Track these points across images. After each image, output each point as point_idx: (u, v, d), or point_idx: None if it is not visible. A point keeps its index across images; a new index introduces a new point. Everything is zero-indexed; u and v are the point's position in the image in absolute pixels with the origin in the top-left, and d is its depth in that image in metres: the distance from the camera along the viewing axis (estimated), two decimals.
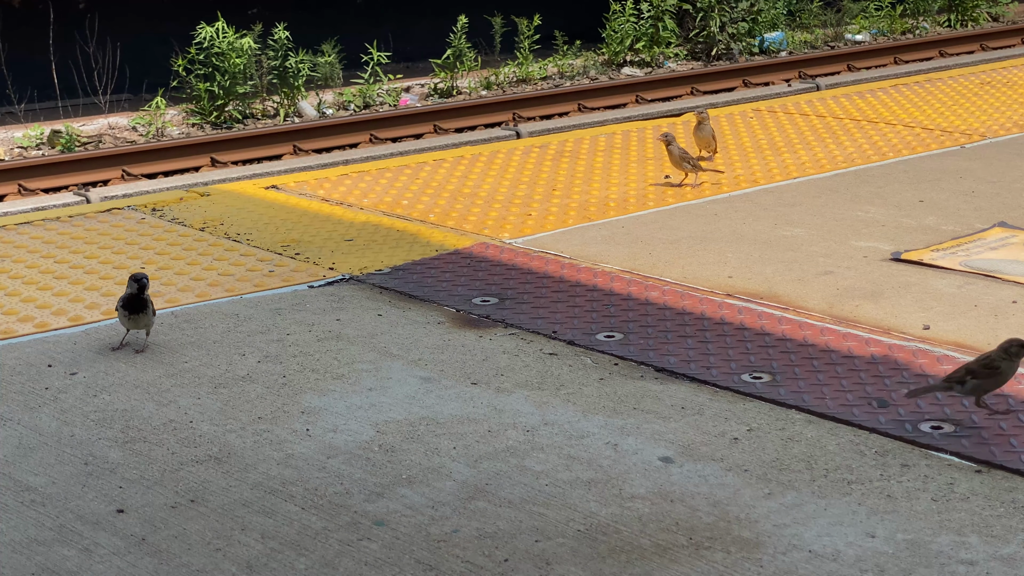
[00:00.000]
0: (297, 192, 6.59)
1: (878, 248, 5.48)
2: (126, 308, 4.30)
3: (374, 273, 5.23)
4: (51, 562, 3.14)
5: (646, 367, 4.29)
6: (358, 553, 3.18)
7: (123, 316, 4.33)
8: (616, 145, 7.57)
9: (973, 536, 3.22)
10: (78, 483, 3.53)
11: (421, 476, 3.56)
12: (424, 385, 4.16)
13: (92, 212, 6.22)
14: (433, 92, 13.87)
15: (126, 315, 4.32)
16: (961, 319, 4.64)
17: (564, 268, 5.26)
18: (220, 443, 3.77)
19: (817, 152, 7.27)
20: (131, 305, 4.30)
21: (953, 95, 8.94)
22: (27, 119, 12.33)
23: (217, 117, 12.42)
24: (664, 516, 3.34)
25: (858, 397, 3.99)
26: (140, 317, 4.33)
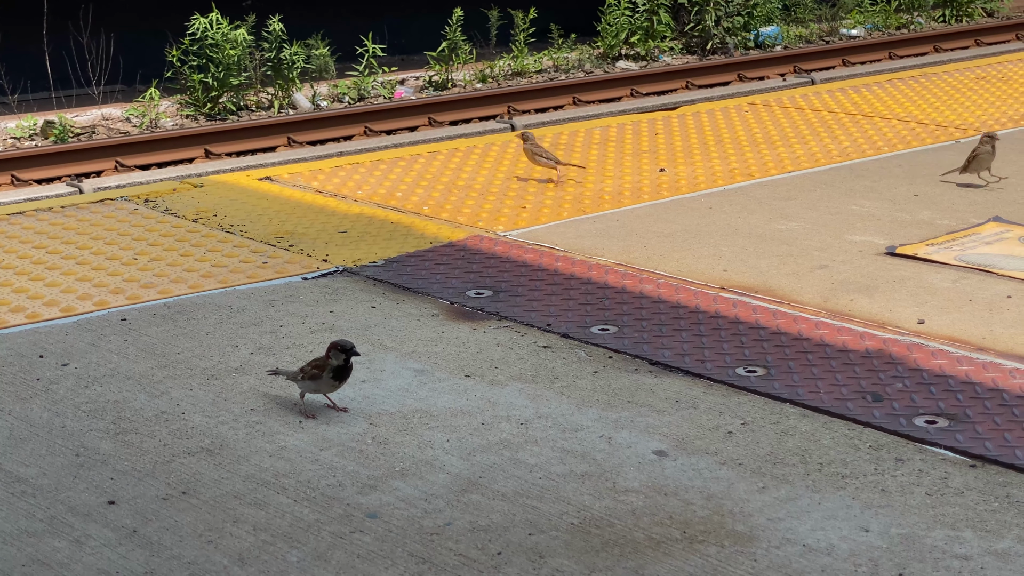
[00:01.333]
0: (291, 184, 6.57)
1: (873, 242, 5.47)
2: (335, 377, 3.85)
3: (368, 265, 5.21)
4: (42, 553, 3.12)
5: (640, 360, 4.28)
6: (351, 546, 3.16)
7: (328, 383, 3.87)
8: (611, 138, 7.56)
9: (967, 531, 3.21)
10: (69, 474, 3.52)
11: (414, 469, 3.55)
12: (418, 377, 4.14)
13: (85, 203, 6.20)
14: (428, 85, 13.84)
15: (334, 383, 3.87)
16: (956, 313, 4.64)
17: (558, 261, 5.25)
18: (212, 435, 3.75)
19: (812, 146, 7.26)
20: (340, 374, 3.86)
21: (948, 90, 8.94)
22: (20, 109, 12.28)
23: (211, 109, 12.38)
24: (658, 510, 3.33)
25: (853, 391, 3.98)
26: (341, 383, 3.89)
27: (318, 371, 3.84)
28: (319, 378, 3.84)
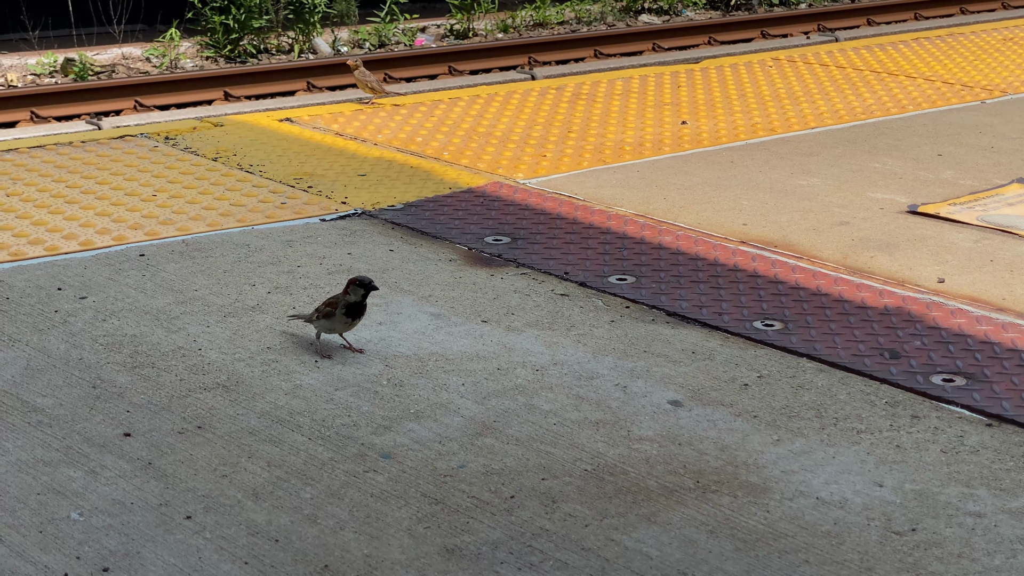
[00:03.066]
0: (311, 125, 6.54)
1: (895, 200, 5.44)
2: (348, 315, 3.81)
3: (386, 208, 5.20)
4: (57, 482, 3.14)
5: (657, 311, 4.26)
6: (364, 484, 3.17)
7: (342, 321, 3.83)
8: (633, 89, 7.51)
9: (982, 489, 3.20)
10: (85, 406, 3.53)
11: (429, 411, 3.55)
12: (434, 321, 4.14)
13: (105, 139, 6.19)
14: (449, 33, 13.76)
15: (347, 321, 3.83)
16: (976, 273, 4.61)
17: (577, 210, 5.23)
18: (228, 371, 3.76)
19: (836, 103, 7.20)
20: (355, 312, 3.83)
21: (975, 50, 8.85)
22: (41, 46, 12.26)
23: (231, 51, 12.33)
24: (672, 459, 3.33)
25: (870, 348, 3.97)
26: (356, 322, 3.86)
27: (331, 308, 3.83)
28: (332, 316, 3.83)
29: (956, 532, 3.01)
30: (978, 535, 3.00)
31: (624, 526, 3.02)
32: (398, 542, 2.93)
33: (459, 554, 2.89)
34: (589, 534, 2.98)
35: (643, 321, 4.19)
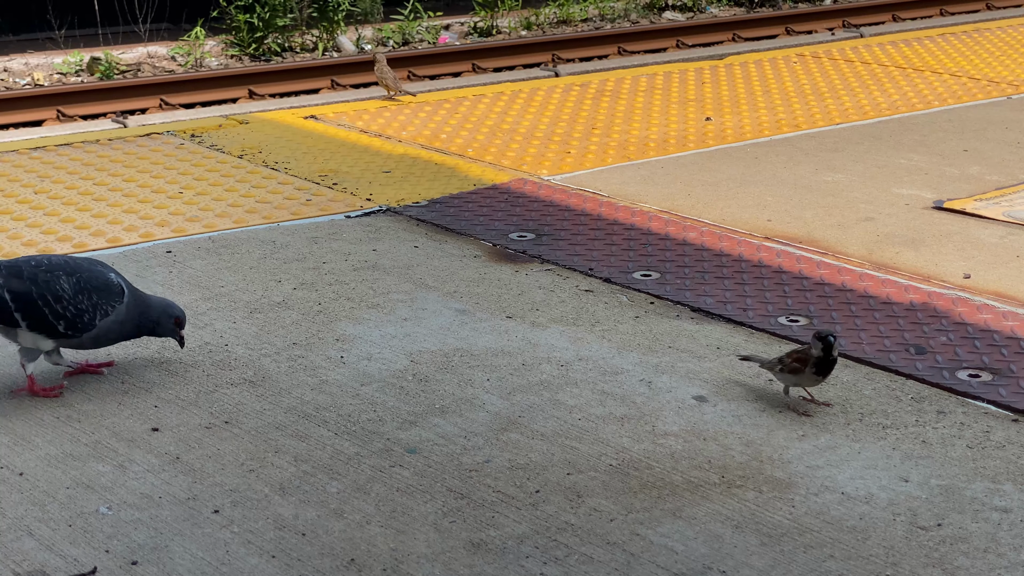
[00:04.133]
0: (335, 123, 6.57)
1: (920, 196, 5.42)
2: (817, 372, 3.55)
3: (411, 205, 5.21)
4: (86, 476, 3.16)
5: (682, 307, 4.27)
6: (390, 479, 3.18)
7: (810, 377, 3.56)
8: (657, 86, 7.51)
9: (1008, 484, 3.19)
10: (114, 401, 3.55)
11: (454, 406, 3.56)
12: (459, 317, 4.15)
13: (131, 136, 6.22)
14: (472, 31, 13.78)
15: (815, 378, 3.56)
16: (1002, 269, 4.59)
17: (602, 206, 5.23)
18: (255, 367, 3.78)
19: (860, 98, 7.18)
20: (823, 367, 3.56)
21: (1001, 45, 8.81)
22: (67, 45, 12.33)
23: (256, 49, 12.38)
24: (696, 454, 3.33)
25: (895, 343, 3.96)
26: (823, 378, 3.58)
27: (799, 365, 3.55)
28: (800, 372, 3.57)
29: (982, 527, 3.01)
30: (1004, 530, 3.00)
31: (649, 521, 3.02)
32: (424, 536, 2.94)
33: (484, 548, 2.90)
34: (614, 528, 2.99)
35: (668, 317, 4.19)
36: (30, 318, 3.51)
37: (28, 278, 3.52)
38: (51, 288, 3.51)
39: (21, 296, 3.50)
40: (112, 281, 3.59)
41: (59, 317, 3.52)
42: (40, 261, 3.58)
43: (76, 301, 3.52)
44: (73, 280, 3.54)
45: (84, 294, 3.53)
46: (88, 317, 3.54)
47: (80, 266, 3.58)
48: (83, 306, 3.52)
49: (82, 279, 3.55)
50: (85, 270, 3.57)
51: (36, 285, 3.51)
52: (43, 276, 3.53)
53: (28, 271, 3.53)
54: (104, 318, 3.56)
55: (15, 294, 3.50)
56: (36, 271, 3.54)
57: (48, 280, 3.52)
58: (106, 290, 3.57)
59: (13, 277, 3.51)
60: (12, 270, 3.53)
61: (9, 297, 3.49)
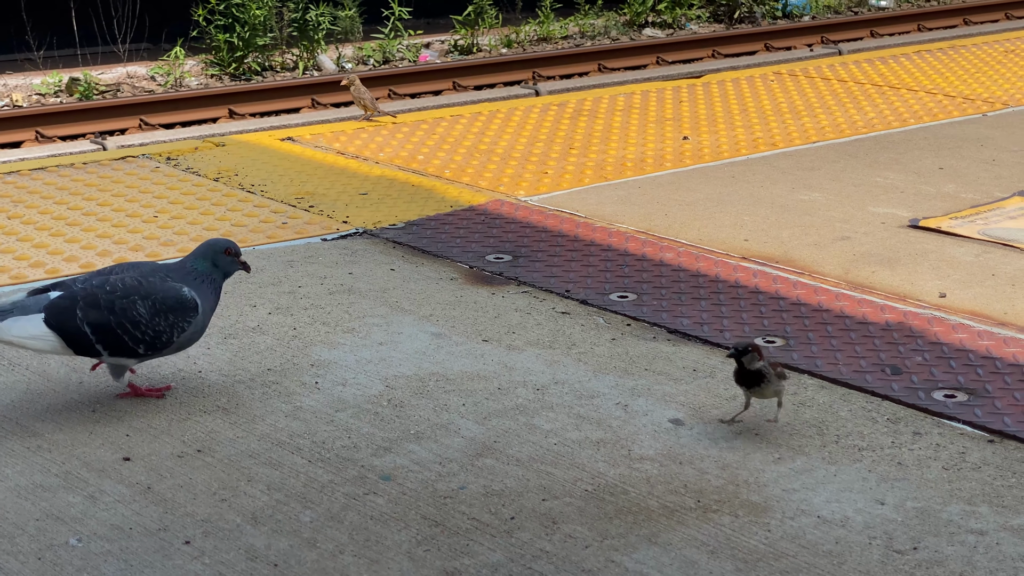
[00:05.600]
0: (313, 144, 6.55)
1: (896, 214, 5.43)
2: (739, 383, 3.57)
3: (388, 227, 5.20)
4: (56, 508, 3.13)
5: (659, 328, 4.26)
6: (364, 507, 3.16)
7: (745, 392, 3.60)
8: (635, 105, 7.52)
9: (984, 506, 3.19)
10: (85, 430, 3.53)
11: (429, 432, 3.55)
12: (435, 341, 4.14)
13: (107, 160, 6.20)
14: (453, 49, 13.79)
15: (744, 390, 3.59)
16: (978, 288, 4.60)
17: (579, 227, 5.23)
18: (228, 394, 3.76)
19: (837, 116, 7.20)
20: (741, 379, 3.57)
21: (976, 63, 8.85)
22: (46, 66, 12.30)
23: (236, 69, 12.37)
24: (672, 478, 3.32)
25: (871, 364, 3.96)
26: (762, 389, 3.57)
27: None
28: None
29: (958, 550, 3.00)
30: (980, 553, 2.99)
31: (625, 547, 3.01)
32: (398, 565, 2.92)
33: None
34: (589, 555, 2.97)
35: (644, 339, 4.18)
36: (111, 347, 3.54)
37: (105, 307, 3.53)
38: (128, 315, 3.53)
39: (100, 327, 3.52)
40: (186, 297, 3.60)
41: (139, 342, 3.56)
42: (115, 286, 3.58)
43: (153, 324, 3.55)
44: (148, 303, 3.55)
45: (160, 316, 3.56)
46: (166, 337, 3.58)
47: (154, 287, 3.58)
48: (160, 328, 3.56)
49: (157, 301, 3.56)
50: (159, 290, 3.58)
51: (114, 314, 3.53)
52: (120, 304, 3.54)
53: (105, 299, 3.54)
54: (182, 334, 3.60)
55: (94, 326, 3.52)
56: (112, 298, 3.54)
57: (125, 307, 3.54)
58: (181, 308, 3.59)
59: (91, 308, 3.52)
60: (89, 300, 3.53)
61: (89, 330, 3.51)
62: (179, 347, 3.67)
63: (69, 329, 3.51)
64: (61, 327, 3.51)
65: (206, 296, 3.65)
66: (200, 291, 3.64)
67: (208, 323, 3.71)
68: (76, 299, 3.54)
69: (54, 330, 3.51)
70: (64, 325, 3.51)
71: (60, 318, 3.51)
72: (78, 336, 3.52)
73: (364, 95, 7.16)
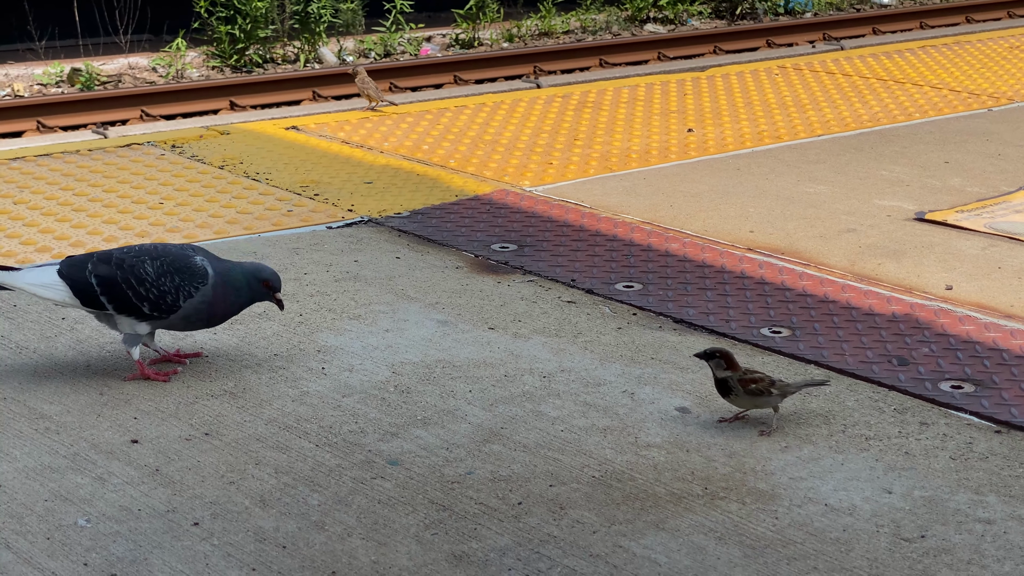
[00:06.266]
0: (317, 133, 6.55)
1: (902, 207, 5.43)
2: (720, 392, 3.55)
3: (393, 216, 5.20)
4: (64, 489, 3.13)
5: (664, 318, 4.26)
6: (371, 491, 3.16)
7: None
8: (639, 97, 7.51)
9: (991, 495, 3.19)
10: (93, 412, 3.52)
11: (436, 418, 3.55)
12: (441, 328, 4.13)
13: (111, 147, 6.19)
14: (454, 43, 13.78)
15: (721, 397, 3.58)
16: (984, 280, 4.60)
17: (584, 217, 5.22)
18: (236, 378, 3.76)
19: (842, 110, 7.20)
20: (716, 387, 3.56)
21: (981, 58, 8.85)
22: (47, 56, 12.28)
23: (237, 61, 12.35)
24: (679, 465, 3.32)
25: (878, 354, 3.96)
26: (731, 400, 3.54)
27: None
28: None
29: (966, 539, 3.00)
30: (988, 542, 2.99)
31: (632, 532, 3.01)
32: (406, 549, 2.92)
33: (467, 561, 2.88)
34: (597, 541, 2.97)
35: (650, 328, 4.18)
36: (115, 300, 3.65)
37: (115, 264, 3.68)
38: (135, 272, 3.66)
39: (106, 280, 3.65)
40: (196, 264, 3.69)
41: (142, 299, 3.64)
42: (131, 248, 3.75)
43: (159, 283, 3.64)
44: (157, 263, 3.67)
45: (167, 276, 3.65)
46: (171, 298, 3.65)
47: (167, 251, 3.72)
48: (165, 288, 3.64)
49: (165, 262, 3.68)
50: (170, 254, 3.71)
51: (121, 269, 3.67)
52: (129, 261, 3.69)
53: (116, 257, 3.72)
54: (188, 299, 3.66)
55: (100, 278, 3.66)
56: (124, 257, 3.70)
57: (133, 264, 3.67)
58: (189, 272, 3.67)
59: (101, 263, 3.71)
60: (102, 257, 3.73)
61: (95, 281, 3.65)
62: (190, 318, 3.70)
63: (77, 279, 3.67)
64: (71, 277, 3.67)
65: (223, 291, 3.69)
66: (218, 281, 3.68)
67: (219, 321, 3.75)
68: (92, 256, 3.72)
69: (64, 280, 3.67)
70: (74, 276, 3.67)
71: (71, 270, 3.68)
72: (85, 287, 3.66)
73: (369, 86, 7.16)
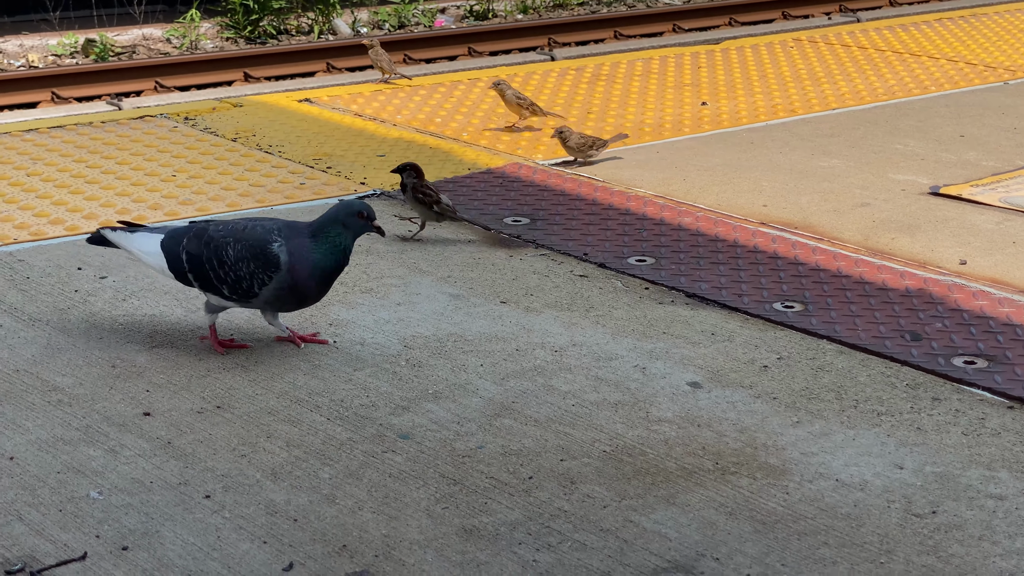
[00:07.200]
0: (330, 106, 6.54)
1: (916, 182, 5.41)
2: None
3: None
4: (76, 461, 3.14)
5: (677, 292, 4.25)
6: (382, 465, 3.17)
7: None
8: (653, 70, 7.48)
9: (1003, 471, 3.18)
10: (105, 385, 3.53)
11: (447, 392, 3.55)
12: (453, 302, 4.13)
13: (124, 119, 6.19)
14: (469, 14, 13.73)
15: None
16: (998, 255, 4.58)
17: (597, 191, 5.21)
18: (247, 351, 3.76)
19: (857, 83, 7.16)
20: None
21: (998, 31, 8.79)
22: (62, 27, 12.27)
23: (252, 32, 12.32)
24: (691, 440, 3.32)
25: (891, 330, 3.95)
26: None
27: None
28: None
29: (977, 515, 3.00)
30: (999, 517, 2.99)
31: (643, 507, 3.01)
32: (416, 522, 2.93)
33: (477, 534, 2.89)
34: (607, 515, 2.98)
35: (662, 302, 4.17)
36: (200, 279, 3.67)
37: (205, 242, 3.67)
38: (218, 254, 3.66)
39: (193, 258, 3.67)
40: (270, 252, 3.64)
41: (222, 282, 3.65)
42: (224, 225, 3.72)
43: (236, 268, 3.64)
44: (237, 248, 3.65)
45: (243, 262, 3.64)
46: (247, 284, 3.64)
47: (250, 235, 3.67)
48: (241, 273, 3.64)
49: (244, 246, 3.64)
50: (250, 238, 3.66)
51: (207, 249, 3.67)
52: (217, 240, 3.66)
53: (208, 235, 3.68)
54: (263, 287, 3.65)
55: (189, 255, 3.67)
56: (214, 235, 3.68)
57: (218, 245, 3.65)
58: (263, 259, 3.64)
59: (194, 239, 3.68)
60: (197, 232, 3.71)
61: (185, 258, 3.67)
62: (273, 303, 3.69)
63: (171, 253, 3.68)
64: (168, 250, 3.69)
65: (319, 256, 3.63)
66: (294, 264, 3.61)
67: (331, 284, 3.72)
68: (190, 230, 3.71)
69: (163, 250, 3.69)
70: (170, 249, 3.69)
71: (170, 243, 3.69)
72: (176, 261, 3.68)
73: (383, 58, 7.14)
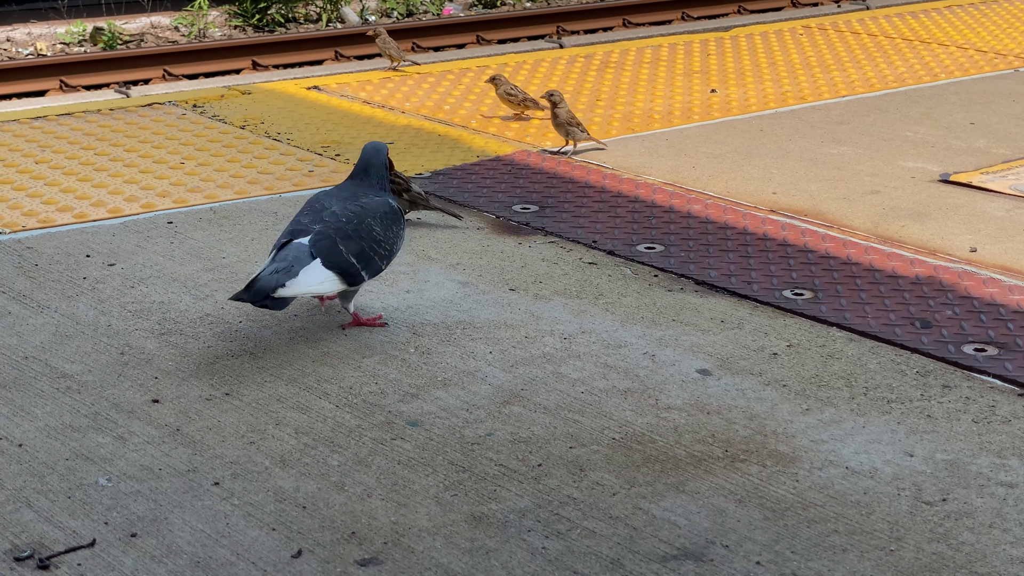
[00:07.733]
0: (339, 94, 6.53)
1: (926, 169, 5.39)
2: None
3: (414, 177, 5.18)
4: (85, 448, 3.14)
5: (686, 280, 4.24)
6: (391, 452, 3.17)
7: None
8: (662, 58, 7.46)
9: (1014, 459, 3.17)
10: (114, 372, 3.53)
11: (456, 379, 3.54)
12: (462, 289, 4.13)
13: (133, 106, 6.19)
14: (477, 2, 13.70)
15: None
16: (1009, 243, 4.56)
17: (606, 179, 5.20)
18: (256, 339, 3.76)
19: (866, 71, 7.13)
20: None
21: (1008, 18, 8.75)
22: (70, 15, 12.27)
23: (260, 20, 12.31)
24: (700, 428, 3.31)
25: (901, 317, 3.94)
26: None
27: None
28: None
29: (987, 502, 2.99)
30: (1010, 505, 2.98)
31: (652, 495, 3.00)
32: (425, 509, 2.93)
33: (486, 522, 2.89)
34: (617, 503, 2.97)
35: (672, 290, 4.16)
36: (368, 269, 3.71)
37: (355, 236, 3.67)
38: (372, 236, 3.70)
39: (360, 254, 3.68)
40: (395, 207, 3.80)
41: (384, 259, 3.74)
42: (348, 216, 3.69)
43: (388, 238, 3.74)
44: (378, 220, 3.72)
45: (389, 230, 3.76)
46: (395, 247, 3.79)
47: (373, 205, 3.75)
48: (392, 239, 3.75)
49: (381, 216, 3.73)
50: (378, 207, 3.76)
51: (363, 239, 3.68)
52: (363, 230, 3.68)
53: (351, 229, 3.67)
54: (400, 242, 3.81)
55: (356, 255, 3.67)
56: (357, 225, 3.68)
57: (368, 230, 3.69)
58: (396, 217, 3.78)
59: (347, 240, 3.66)
60: (342, 234, 3.66)
61: (354, 259, 3.66)
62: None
63: (343, 265, 3.64)
64: (338, 266, 3.63)
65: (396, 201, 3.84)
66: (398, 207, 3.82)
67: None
68: (332, 237, 3.65)
69: (332, 270, 3.63)
70: (339, 264, 3.64)
71: (334, 259, 3.62)
72: (348, 267, 3.65)
73: (390, 46, 7.13)
